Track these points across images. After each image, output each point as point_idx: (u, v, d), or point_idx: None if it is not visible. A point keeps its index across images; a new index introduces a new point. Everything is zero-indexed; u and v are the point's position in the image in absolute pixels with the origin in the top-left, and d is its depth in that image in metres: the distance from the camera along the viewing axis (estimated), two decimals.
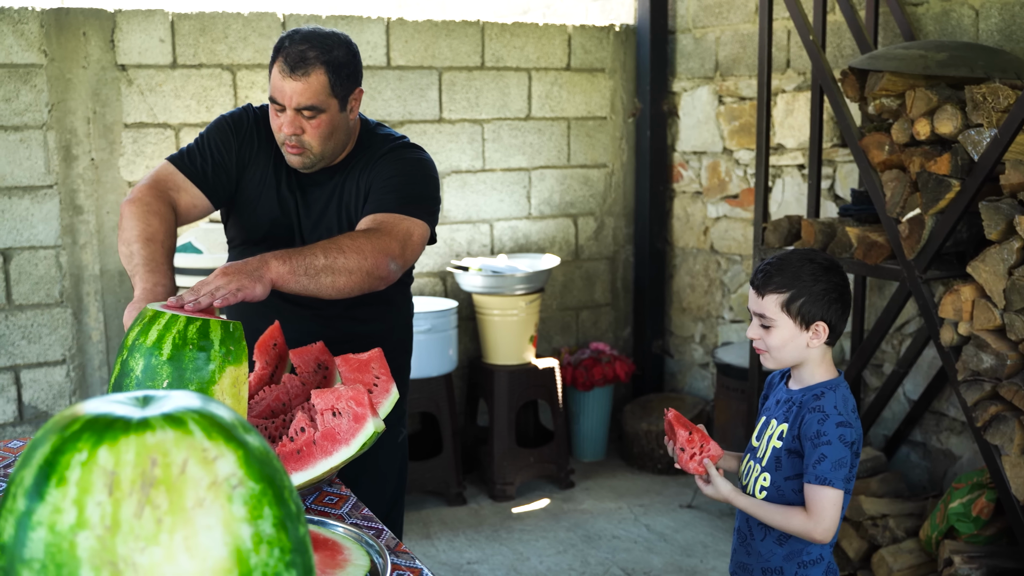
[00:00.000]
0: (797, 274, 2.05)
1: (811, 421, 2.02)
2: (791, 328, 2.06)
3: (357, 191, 2.38)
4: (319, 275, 2.04)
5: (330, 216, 2.41)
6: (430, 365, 4.45)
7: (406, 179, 2.34)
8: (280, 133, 2.29)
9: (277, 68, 2.23)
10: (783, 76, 4.52)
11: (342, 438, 1.76)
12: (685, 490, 4.65)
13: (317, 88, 2.23)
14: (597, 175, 5.25)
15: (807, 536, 2.01)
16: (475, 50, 4.82)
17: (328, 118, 2.27)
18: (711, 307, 5.13)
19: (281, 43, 2.26)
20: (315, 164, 2.34)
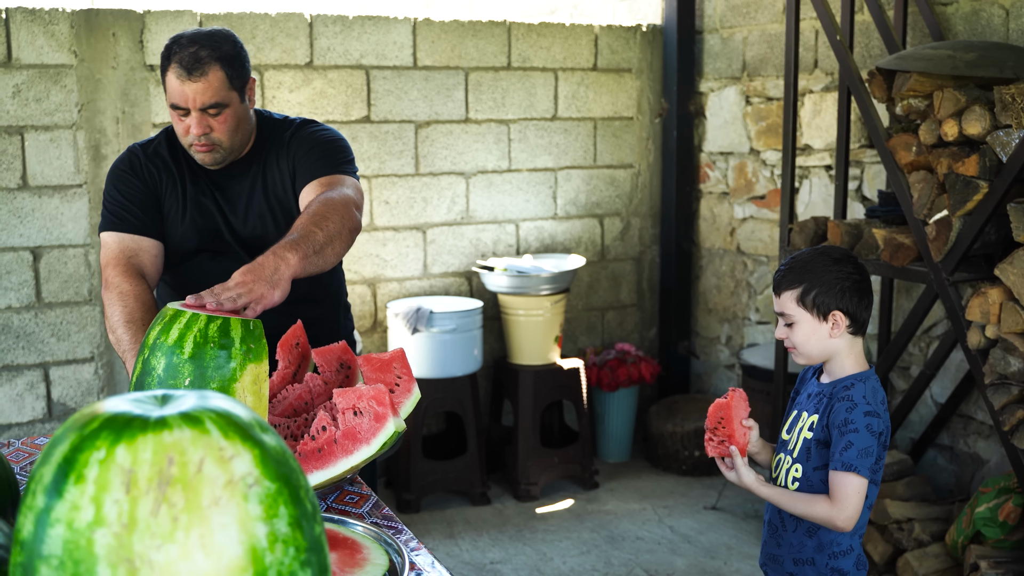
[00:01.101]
0: (809, 268, 2.12)
1: (839, 409, 2.06)
2: (810, 321, 2.11)
3: (281, 174, 2.45)
4: (323, 249, 2.08)
5: (257, 204, 2.45)
6: (455, 365, 4.46)
7: (327, 147, 2.44)
8: (187, 136, 2.33)
9: (173, 74, 2.26)
10: (811, 76, 4.49)
11: (363, 437, 1.77)
12: (710, 492, 4.63)
13: (217, 85, 2.28)
14: (623, 175, 5.24)
15: (830, 524, 2.04)
16: (501, 50, 4.82)
17: (232, 111, 2.33)
18: (737, 308, 5.11)
19: (169, 50, 2.29)
20: (226, 159, 2.40)
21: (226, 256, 2.47)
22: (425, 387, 4.41)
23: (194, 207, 2.45)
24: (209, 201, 2.45)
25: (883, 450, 2.08)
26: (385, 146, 4.62)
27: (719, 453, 2.16)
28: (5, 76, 3.90)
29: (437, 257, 4.82)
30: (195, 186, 2.45)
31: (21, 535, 0.96)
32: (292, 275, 1.97)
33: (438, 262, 4.83)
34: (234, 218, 2.46)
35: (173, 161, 2.46)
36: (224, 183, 2.46)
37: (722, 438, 2.15)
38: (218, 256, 2.48)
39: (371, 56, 4.53)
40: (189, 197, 2.45)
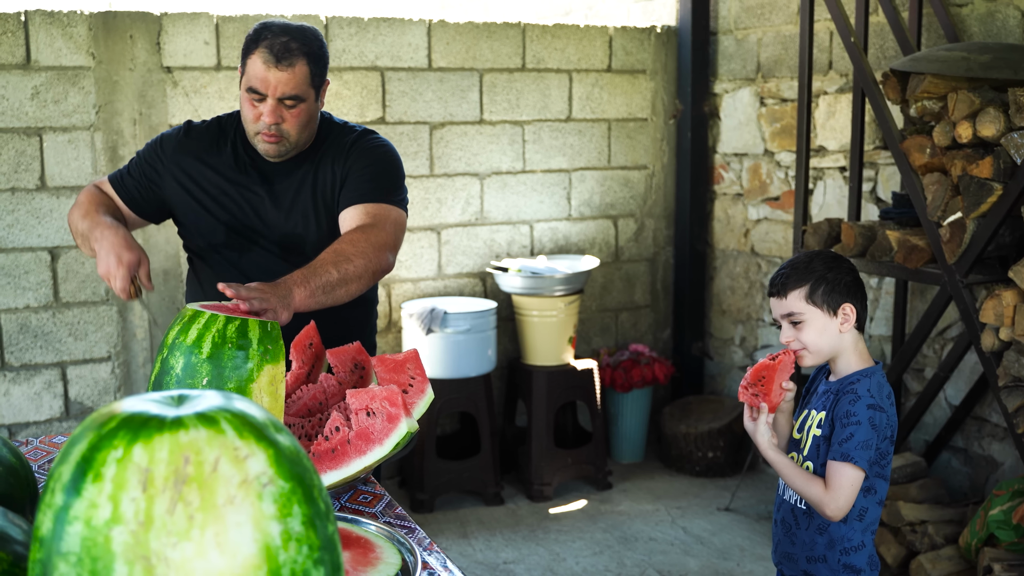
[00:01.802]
0: (809, 267, 2.17)
1: (843, 402, 2.11)
2: (821, 317, 2.15)
3: (333, 177, 2.45)
4: (334, 290, 2.13)
5: (303, 203, 2.46)
6: (469, 365, 4.48)
7: (382, 168, 2.46)
8: (257, 123, 2.33)
9: (260, 58, 2.28)
10: (825, 78, 4.49)
11: (376, 438, 1.79)
12: (723, 493, 4.63)
13: (300, 78, 2.30)
14: (638, 176, 5.24)
15: (820, 509, 2.09)
16: (516, 51, 4.84)
17: (307, 107, 2.35)
18: (751, 309, 5.11)
19: (259, 35, 2.30)
20: (288, 152, 2.40)
21: (258, 249, 2.48)
22: (439, 387, 4.42)
23: (238, 195, 2.46)
24: (251, 192, 2.46)
25: (890, 445, 2.10)
26: (400, 147, 4.64)
27: (750, 402, 2.18)
28: (24, 78, 3.94)
29: (451, 258, 4.84)
30: (247, 176, 2.46)
31: (40, 532, 0.98)
32: (296, 307, 2.03)
33: (452, 263, 4.84)
34: (275, 212, 2.46)
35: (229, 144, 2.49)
36: (273, 176, 2.46)
37: (756, 392, 2.17)
38: (246, 255, 2.49)
39: (386, 57, 4.55)
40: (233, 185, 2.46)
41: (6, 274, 3.99)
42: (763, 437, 2.16)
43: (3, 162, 3.94)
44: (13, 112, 3.94)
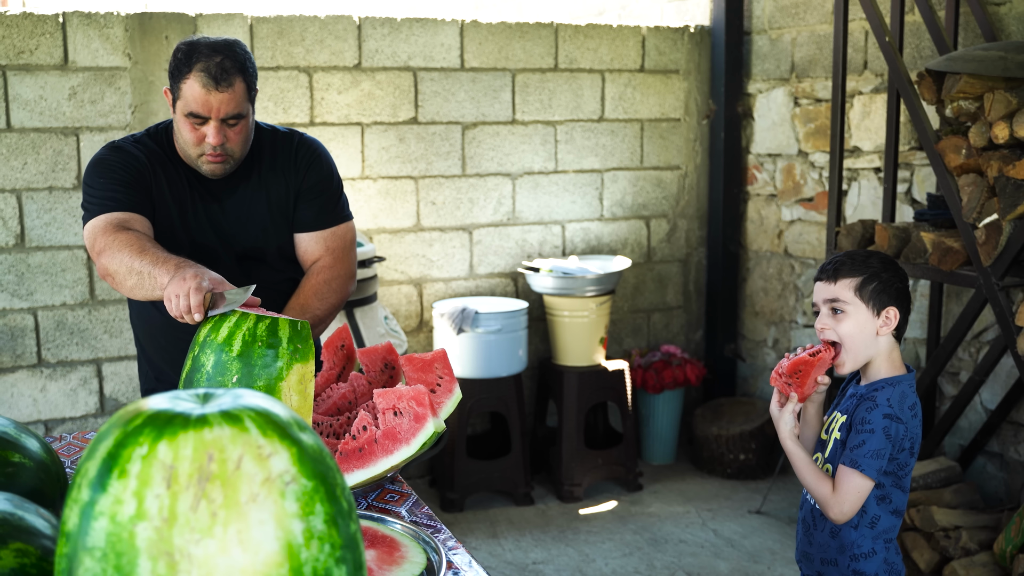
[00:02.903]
0: (867, 262, 2.15)
1: (861, 409, 2.10)
2: (864, 313, 2.12)
3: (286, 189, 2.46)
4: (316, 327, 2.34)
5: (259, 216, 2.44)
6: (500, 365, 4.48)
7: (332, 184, 2.53)
8: (200, 145, 2.30)
9: (197, 82, 2.22)
10: (860, 78, 4.45)
11: (403, 437, 1.79)
12: (754, 496, 4.61)
13: (240, 96, 2.27)
14: (670, 177, 5.22)
15: (823, 508, 2.09)
16: (548, 52, 4.83)
17: (246, 122, 2.33)
18: (784, 311, 5.08)
19: (190, 57, 2.24)
20: (231, 169, 2.38)
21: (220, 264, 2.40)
22: (470, 387, 4.43)
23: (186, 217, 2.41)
24: (203, 211, 2.42)
25: (910, 457, 2.08)
26: (432, 147, 4.65)
27: (781, 389, 2.16)
28: (62, 78, 3.99)
29: (483, 258, 4.85)
30: (193, 194, 2.41)
31: (66, 527, 0.99)
32: None
33: (484, 263, 4.85)
34: (232, 228, 2.43)
35: (171, 164, 2.41)
36: (220, 193, 2.42)
37: (789, 382, 2.16)
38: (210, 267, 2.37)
39: (419, 58, 4.56)
40: (185, 205, 2.40)
41: (44, 272, 4.04)
42: (786, 425, 2.14)
43: (41, 161, 3.99)
44: (51, 112, 3.99)
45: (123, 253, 2.14)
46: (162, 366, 2.54)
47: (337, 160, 4.44)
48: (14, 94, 3.94)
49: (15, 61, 3.92)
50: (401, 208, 4.64)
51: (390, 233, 4.63)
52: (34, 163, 3.99)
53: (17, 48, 3.92)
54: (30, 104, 3.96)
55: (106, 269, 2.19)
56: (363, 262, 3.99)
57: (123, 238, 2.18)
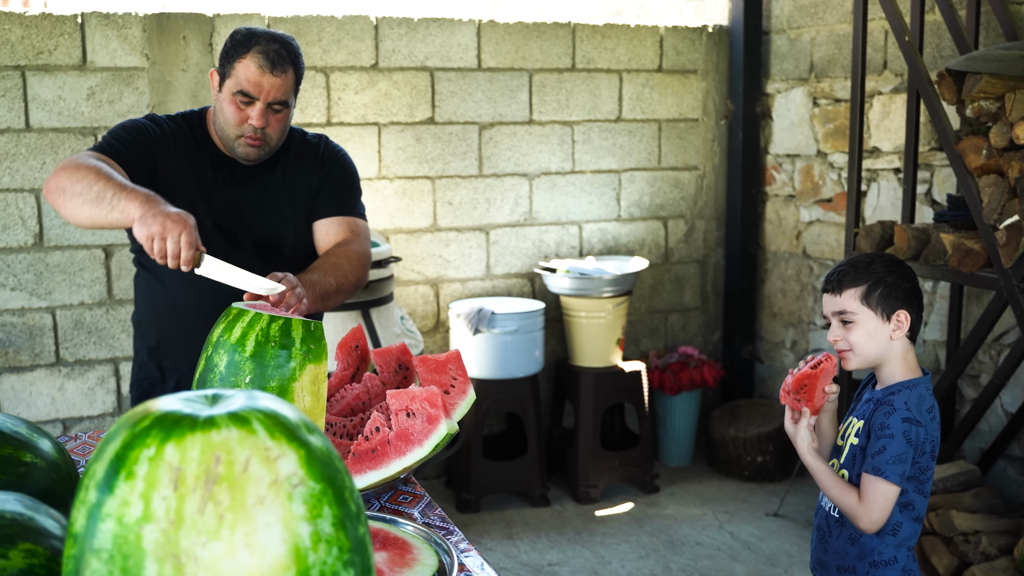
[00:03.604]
0: (869, 268, 2.12)
1: (879, 414, 2.07)
2: (873, 320, 2.10)
3: (309, 184, 2.51)
4: (328, 299, 2.25)
5: (281, 207, 2.49)
6: (516, 366, 4.47)
7: (354, 182, 2.58)
8: (242, 126, 2.34)
9: (253, 63, 2.29)
10: (879, 78, 4.42)
11: (415, 439, 1.79)
12: (772, 498, 4.58)
13: (289, 85, 2.35)
14: (688, 177, 5.20)
15: (853, 520, 2.06)
16: (566, 52, 4.82)
17: (288, 113, 2.40)
18: (802, 312, 5.05)
19: (251, 40, 2.31)
20: (264, 156, 2.43)
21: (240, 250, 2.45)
22: (486, 388, 4.42)
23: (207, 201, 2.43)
24: (226, 195, 2.46)
25: (931, 460, 2.05)
26: (449, 147, 4.65)
27: (791, 405, 2.15)
28: (80, 78, 4.00)
29: (500, 258, 4.84)
30: (217, 179, 2.45)
31: (74, 528, 0.99)
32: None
33: (501, 263, 4.84)
34: (253, 214, 2.47)
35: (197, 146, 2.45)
36: (245, 180, 2.47)
37: (799, 398, 2.14)
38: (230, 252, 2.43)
39: (436, 58, 4.56)
40: (209, 184, 2.44)
41: (62, 271, 4.05)
42: (803, 442, 2.12)
43: (59, 161, 4.00)
44: (70, 112, 4.01)
45: (83, 171, 2.10)
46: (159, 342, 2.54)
47: (354, 160, 4.44)
48: (33, 94, 3.96)
49: (34, 61, 3.94)
50: (418, 208, 4.64)
51: (407, 233, 4.63)
52: (52, 163, 4.01)
53: (36, 48, 3.94)
54: (49, 104, 3.98)
55: (58, 184, 2.12)
56: (379, 262, 3.99)
57: (90, 163, 2.14)
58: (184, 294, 2.43)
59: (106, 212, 2.04)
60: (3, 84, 3.92)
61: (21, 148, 3.97)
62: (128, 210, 2.00)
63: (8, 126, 3.95)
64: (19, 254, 4.02)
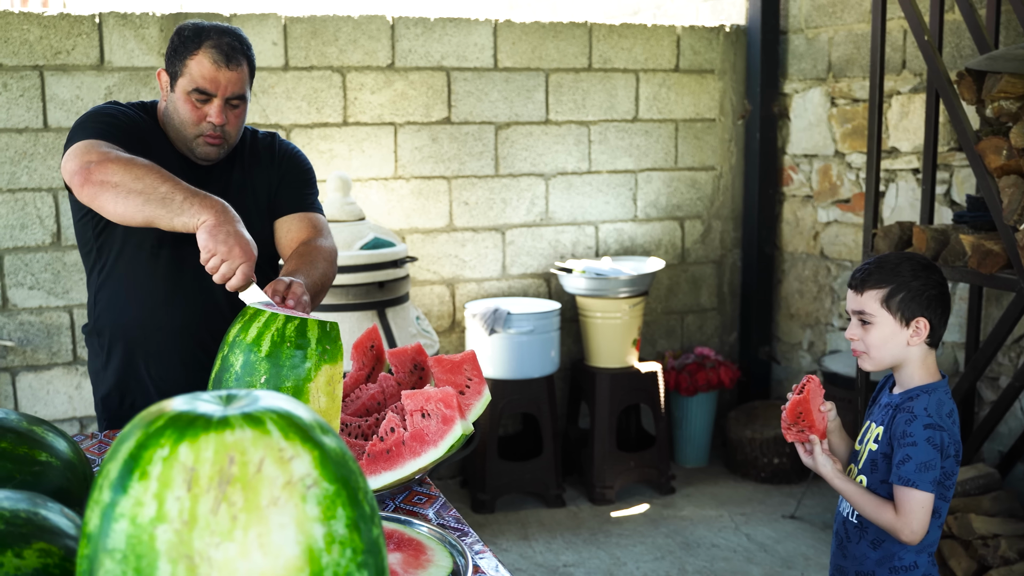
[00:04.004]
0: (896, 271, 2.08)
1: (900, 421, 2.04)
2: (891, 324, 2.07)
3: (268, 182, 2.43)
4: (315, 297, 2.20)
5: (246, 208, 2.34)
6: (532, 366, 4.46)
7: (311, 178, 2.50)
8: (201, 124, 2.26)
9: (207, 58, 2.20)
10: (898, 77, 4.39)
11: (430, 440, 1.78)
12: (788, 500, 4.56)
13: (245, 78, 2.27)
14: (705, 178, 5.18)
15: (894, 535, 2.02)
16: (582, 51, 4.81)
17: (245, 108, 2.32)
18: (820, 313, 5.02)
19: (201, 36, 2.22)
20: (223, 155, 2.35)
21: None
22: (502, 388, 4.42)
23: None
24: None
25: (955, 464, 2.02)
26: (465, 147, 4.65)
27: (798, 439, 2.13)
28: (98, 78, 4.02)
29: (516, 258, 4.83)
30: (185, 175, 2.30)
31: (88, 528, 0.99)
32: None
33: (517, 263, 4.83)
34: None
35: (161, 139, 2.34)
36: (206, 180, 2.33)
37: (801, 428, 2.12)
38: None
39: (452, 58, 4.55)
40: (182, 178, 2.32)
41: (79, 270, 4.07)
42: (825, 467, 2.09)
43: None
44: None
45: (142, 169, 2.00)
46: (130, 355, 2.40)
47: (370, 160, 4.45)
48: (51, 94, 3.98)
49: (52, 61, 3.96)
50: (434, 208, 4.64)
51: (423, 233, 4.63)
52: None
53: (54, 48, 3.95)
54: (67, 104, 3.99)
55: (107, 178, 2.00)
56: (395, 262, 3.99)
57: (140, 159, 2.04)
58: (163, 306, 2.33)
59: (171, 216, 1.96)
60: (22, 84, 3.94)
61: (39, 148, 3.98)
62: (201, 216, 1.94)
63: (27, 125, 3.97)
64: (37, 253, 4.04)
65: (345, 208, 4.03)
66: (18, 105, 3.95)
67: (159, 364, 2.37)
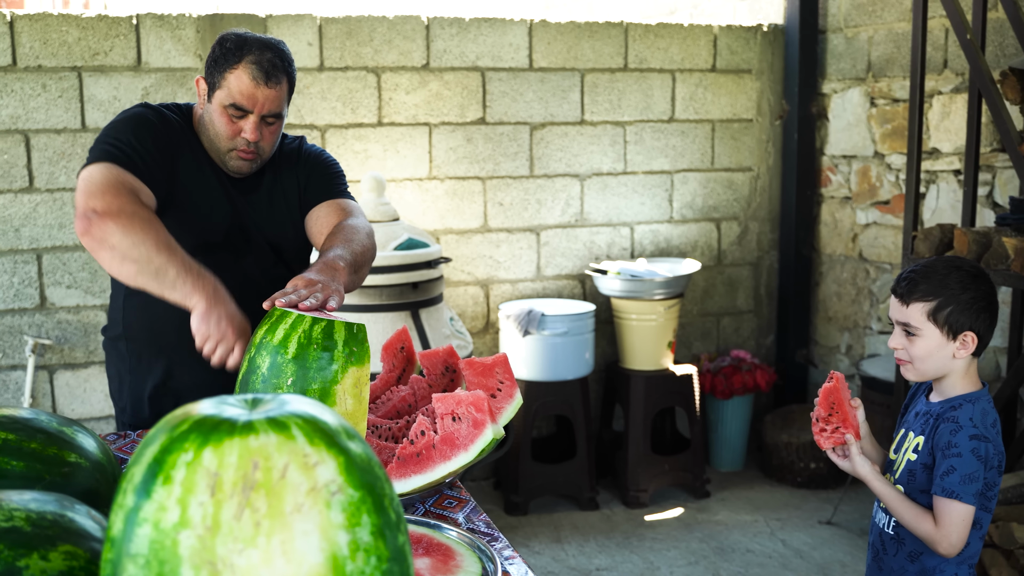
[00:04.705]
0: (944, 282, 2.00)
1: (944, 431, 1.98)
2: (937, 338, 2.00)
3: (296, 184, 2.42)
4: (360, 269, 2.17)
5: (279, 210, 2.40)
6: (566, 368, 4.43)
7: (335, 168, 2.49)
8: (235, 139, 2.24)
9: (247, 75, 2.17)
10: (939, 77, 4.32)
11: (461, 443, 1.76)
12: (825, 506, 4.50)
13: (283, 96, 2.24)
14: (742, 179, 5.13)
15: (932, 546, 1.97)
16: (618, 51, 4.78)
17: (280, 124, 2.29)
18: (858, 317, 4.95)
19: (243, 49, 2.18)
20: (255, 169, 2.34)
21: (249, 254, 2.37)
22: (535, 390, 4.40)
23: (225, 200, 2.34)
24: (238, 200, 2.37)
25: (997, 476, 1.97)
26: (500, 148, 4.63)
27: (834, 442, 2.08)
28: (135, 79, 4.04)
29: (550, 259, 4.81)
30: (225, 181, 2.35)
31: (112, 532, 0.98)
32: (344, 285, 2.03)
33: (551, 264, 4.81)
34: (258, 219, 2.39)
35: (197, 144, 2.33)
36: (244, 189, 2.37)
37: (836, 425, 2.07)
38: (241, 255, 2.36)
39: (487, 58, 4.54)
40: (219, 188, 2.33)
41: None
42: (864, 467, 2.04)
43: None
44: None
45: (141, 234, 1.95)
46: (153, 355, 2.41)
47: (405, 160, 4.45)
48: (89, 95, 4.01)
49: (90, 63, 3.99)
50: (468, 209, 4.63)
51: (457, 234, 4.62)
52: None
53: (92, 50, 3.98)
54: (104, 104, 4.02)
55: (106, 238, 1.96)
56: (429, 263, 3.98)
57: (143, 215, 2.00)
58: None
59: (163, 290, 1.96)
60: (60, 85, 3.97)
61: (77, 148, 4.01)
62: (190, 299, 1.94)
63: (65, 126, 4.00)
64: (74, 252, 4.07)
65: (379, 208, 4.02)
66: (57, 106, 3.98)
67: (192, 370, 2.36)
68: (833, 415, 2.07)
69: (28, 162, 3.99)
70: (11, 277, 4.02)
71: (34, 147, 3.99)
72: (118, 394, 2.52)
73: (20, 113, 3.95)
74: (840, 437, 2.07)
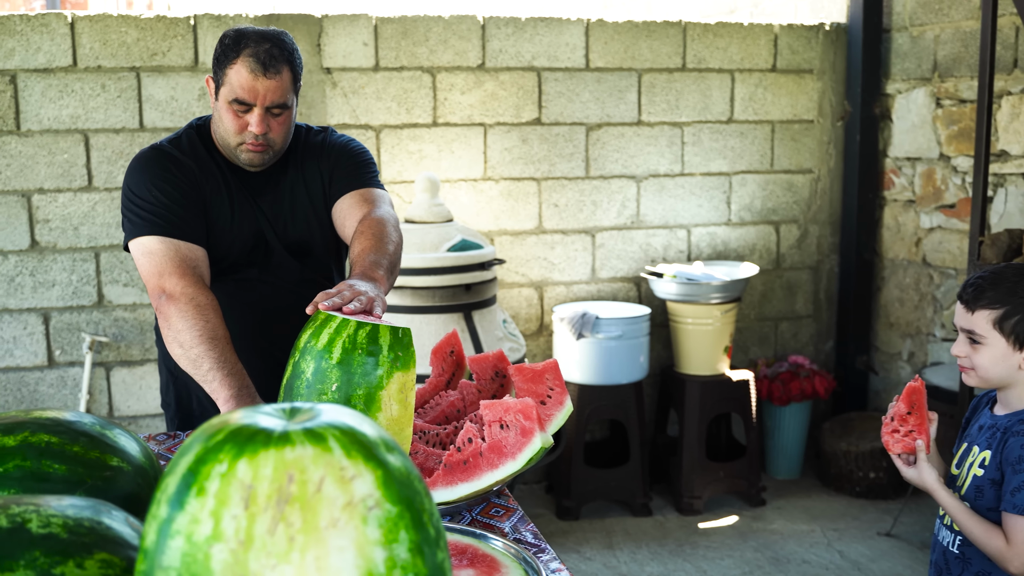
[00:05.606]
0: (1013, 290, 1.93)
1: (1014, 445, 1.90)
2: (1003, 347, 1.93)
3: (321, 178, 2.40)
4: (395, 269, 2.16)
5: (303, 208, 2.38)
6: (620, 372, 4.38)
7: (363, 160, 2.45)
8: (243, 133, 2.24)
9: (245, 68, 2.17)
10: (1009, 77, 4.20)
11: (508, 452, 1.73)
12: (885, 517, 4.39)
13: (286, 85, 2.22)
14: (802, 181, 5.04)
15: (1001, 564, 1.90)
16: (676, 51, 4.71)
17: (290, 114, 2.28)
18: (921, 323, 4.83)
19: (240, 43, 2.19)
20: (270, 161, 2.32)
21: (273, 265, 2.38)
22: (589, 394, 4.35)
23: (241, 211, 2.35)
24: (251, 205, 2.36)
25: None
26: (555, 148, 4.59)
27: (904, 448, 2.01)
28: (192, 79, 4.06)
29: (605, 262, 4.76)
30: (237, 190, 2.35)
31: (145, 543, 0.96)
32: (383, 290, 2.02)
33: (606, 267, 4.76)
34: (278, 223, 2.38)
35: (213, 161, 2.34)
36: (261, 187, 2.37)
37: (910, 428, 2.00)
38: (267, 268, 2.39)
39: (543, 58, 4.50)
40: (236, 200, 2.35)
41: None
42: (930, 478, 1.96)
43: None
44: (182, 112, 4.07)
45: (191, 320, 2.06)
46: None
47: (459, 161, 4.42)
48: (147, 95, 4.04)
49: (148, 63, 4.02)
50: (523, 210, 4.59)
51: (511, 235, 4.59)
52: None
53: (151, 50, 4.01)
54: (162, 105, 4.05)
55: (166, 317, 2.08)
56: (482, 264, 3.95)
57: (200, 302, 2.09)
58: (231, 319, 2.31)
59: (198, 378, 2.06)
60: (119, 85, 4.01)
61: (134, 147, 4.05)
62: (217, 394, 2.02)
63: (123, 126, 4.04)
64: None
65: (433, 209, 4.00)
66: (115, 106, 4.02)
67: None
68: (911, 415, 2.00)
69: (87, 161, 4.03)
70: (70, 275, 4.07)
71: (93, 147, 4.03)
72: (165, 392, 2.54)
73: (80, 113, 4.00)
74: (911, 443, 2.00)
